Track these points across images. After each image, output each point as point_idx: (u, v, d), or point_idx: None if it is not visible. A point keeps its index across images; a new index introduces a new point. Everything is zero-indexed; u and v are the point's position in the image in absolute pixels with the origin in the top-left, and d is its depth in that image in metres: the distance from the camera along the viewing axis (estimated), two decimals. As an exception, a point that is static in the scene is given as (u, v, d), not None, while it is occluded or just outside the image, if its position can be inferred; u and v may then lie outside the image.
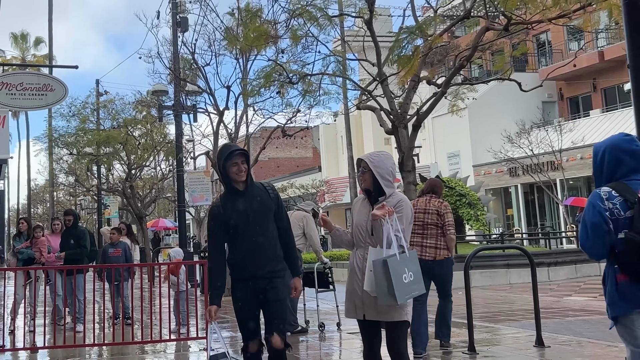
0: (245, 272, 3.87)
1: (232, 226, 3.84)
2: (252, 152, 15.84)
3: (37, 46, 42.77)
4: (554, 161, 23.38)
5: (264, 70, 10.68)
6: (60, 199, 37.73)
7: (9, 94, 9.46)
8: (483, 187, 22.81)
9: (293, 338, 7.35)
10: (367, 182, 3.77)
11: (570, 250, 16.50)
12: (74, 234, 8.84)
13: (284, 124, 13.18)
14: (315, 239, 7.81)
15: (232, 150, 3.85)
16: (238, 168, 3.82)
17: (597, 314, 8.74)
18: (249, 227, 3.83)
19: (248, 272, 3.85)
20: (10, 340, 7.33)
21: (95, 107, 19.91)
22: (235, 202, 3.88)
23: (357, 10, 10.31)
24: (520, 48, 11.41)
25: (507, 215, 28.39)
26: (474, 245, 14.57)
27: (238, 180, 3.86)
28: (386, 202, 3.70)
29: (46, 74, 12.61)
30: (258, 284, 3.85)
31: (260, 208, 3.88)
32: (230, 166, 3.82)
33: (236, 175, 3.83)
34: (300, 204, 8.34)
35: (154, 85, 15.91)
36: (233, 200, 3.89)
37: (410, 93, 9.68)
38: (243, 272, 3.89)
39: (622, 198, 2.87)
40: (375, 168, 3.72)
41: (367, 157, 3.81)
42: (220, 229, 3.89)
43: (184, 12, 14.67)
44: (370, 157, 3.79)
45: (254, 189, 3.92)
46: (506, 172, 26.90)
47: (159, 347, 7.26)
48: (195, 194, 15.27)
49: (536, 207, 27.05)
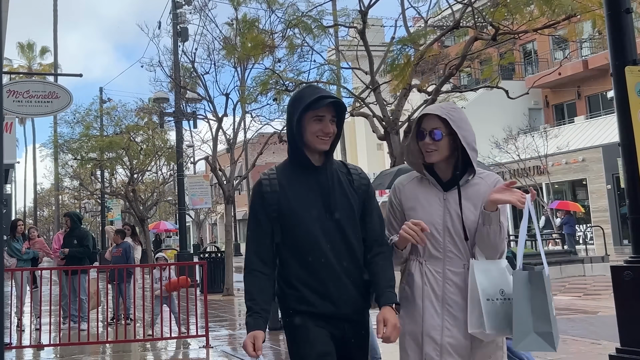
0: (313, 305, 2.31)
1: (289, 222, 2.32)
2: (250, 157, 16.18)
3: (43, 55, 43.34)
4: (540, 166, 23.81)
5: (260, 78, 11.02)
6: (65, 202, 38.14)
7: (15, 101, 9.68)
8: (472, 190, 23.06)
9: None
10: (442, 152, 2.37)
11: (555, 251, 16.76)
12: (77, 234, 9.17)
13: (281, 130, 13.51)
14: None
15: (320, 95, 2.31)
16: (324, 126, 2.31)
17: (581, 313, 9.00)
18: (322, 229, 2.31)
19: (318, 306, 2.31)
20: (17, 338, 7.59)
21: (98, 114, 20.29)
22: (301, 181, 2.35)
23: (351, 21, 10.60)
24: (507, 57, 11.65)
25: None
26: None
27: (317, 148, 2.34)
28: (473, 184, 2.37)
29: (52, 82, 12.99)
30: (333, 327, 2.34)
31: (342, 200, 2.35)
32: (312, 120, 2.32)
33: (318, 138, 2.32)
34: None
35: (155, 93, 16.28)
36: (297, 178, 2.36)
37: (402, 100, 9.96)
38: (307, 304, 2.32)
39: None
40: (460, 130, 2.34)
41: (442, 112, 2.35)
42: (269, 219, 2.35)
43: (184, 22, 15.04)
44: (448, 113, 2.35)
45: (332, 169, 2.39)
46: (493, 176, 27.26)
47: (160, 345, 7.49)
48: (195, 197, 15.62)
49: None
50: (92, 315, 9.27)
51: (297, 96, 2.40)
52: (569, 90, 27.81)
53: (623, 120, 4.54)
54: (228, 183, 13.57)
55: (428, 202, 2.40)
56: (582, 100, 27.97)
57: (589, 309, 9.43)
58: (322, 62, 10.86)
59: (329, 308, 2.32)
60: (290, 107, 2.39)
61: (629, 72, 4.53)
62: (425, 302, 2.33)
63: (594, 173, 24.41)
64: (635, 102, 4.50)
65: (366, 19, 9.89)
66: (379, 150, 33.88)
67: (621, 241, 22.98)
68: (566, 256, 15.45)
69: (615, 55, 4.60)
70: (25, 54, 43.52)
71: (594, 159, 24.26)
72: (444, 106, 2.40)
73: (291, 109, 2.38)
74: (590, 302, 10.29)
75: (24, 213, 52.83)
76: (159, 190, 22.69)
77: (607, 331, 6.47)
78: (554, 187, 24.54)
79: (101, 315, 9.49)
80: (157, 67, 15.06)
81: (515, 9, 8.79)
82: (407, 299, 2.40)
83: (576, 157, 24.89)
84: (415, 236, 2.27)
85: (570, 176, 25.23)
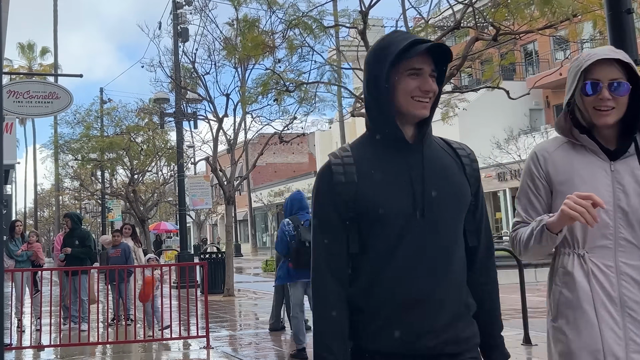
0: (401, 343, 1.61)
1: (372, 225, 1.63)
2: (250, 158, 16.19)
3: (43, 56, 43.46)
4: (540, 166, 23.88)
5: (261, 79, 11.02)
6: (65, 203, 38.20)
7: (16, 101, 9.69)
8: (472, 191, 23.18)
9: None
10: (621, 111, 1.84)
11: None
12: (78, 235, 9.18)
13: (281, 131, 13.52)
14: None
15: (414, 39, 1.64)
16: (423, 82, 1.64)
17: (582, 314, 9.03)
18: (419, 235, 1.63)
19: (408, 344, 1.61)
20: (17, 338, 7.59)
21: (99, 115, 20.32)
22: (389, 166, 1.66)
23: (351, 21, 10.59)
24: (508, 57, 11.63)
25: (496, 219, 28.79)
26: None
27: (413, 114, 1.65)
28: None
29: (52, 82, 13.00)
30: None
31: (449, 193, 1.67)
32: (405, 76, 1.65)
33: (414, 100, 1.65)
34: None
35: (155, 93, 16.31)
36: (383, 161, 1.66)
37: (402, 101, 9.97)
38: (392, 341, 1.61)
39: (293, 224, 6.09)
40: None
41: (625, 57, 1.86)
42: (343, 222, 1.65)
43: (184, 23, 15.06)
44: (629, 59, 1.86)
45: (433, 147, 1.71)
46: (495, 177, 27.36)
47: (160, 346, 7.48)
48: (196, 197, 15.63)
49: (524, 211, 27.55)
50: (93, 316, 9.28)
51: (382, 44, 1.68)
52: (569, 91, 27.91)
53: (624, 120, 4.54)
54: (228, 184, 13.57)
55: (591, 174, 1.84)
56: (583, 100, 28.09)
57: None
58: (323, 62, 10.85)
59: (425, 345, 1.58)
60: (373, 60, 1.67)
61: (630, 72, 4.52)
62: (599, 308, 1.77)
63: (595, 174, 24.43)
64: (636, 103, 4.50)
65: (367, 19, 9.88)
66: (379, 150, 33.97)
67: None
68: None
69: (616, 55, 4.61)
70: (25, 54, 43.64)
71: (595, 160, 24.27)
72: (617, 50, 1.86)
73: (373, 62, 1.67)
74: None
75: (24, 214, 52.91)
76: (159, 190, 22.72)
77: None
78: (554, 187, 24.58)
79: (101, 316, 9.49)
80: (157, 68, 15.10)
81: (516, 10, 8.78)
82: (569, 306, 1.82)
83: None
84: (585, 214, 1.67)
85: (571, 177, 25.38)
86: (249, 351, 7.01)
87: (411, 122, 1.68)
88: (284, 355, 6.62)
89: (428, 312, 1.60)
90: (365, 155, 1.68)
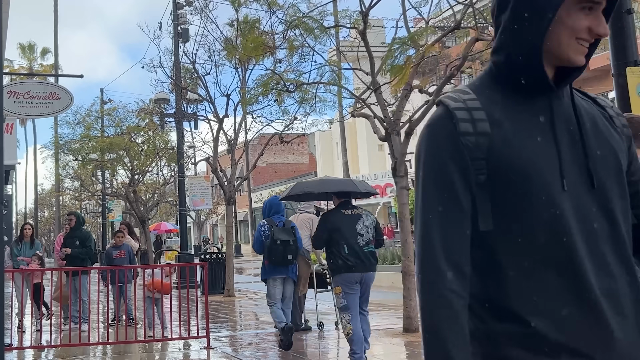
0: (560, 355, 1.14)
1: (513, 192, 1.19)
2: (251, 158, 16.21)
3: (44, 56, 43.47)
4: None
5: (262, 79, 11.01)
6: (66, 203, 38.24)
7: (16, 102, 9.69)
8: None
9: (296, 335, 7.67)
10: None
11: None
12: (78, 235, 9.18)
13: (281, 131, 13.51)
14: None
15: None
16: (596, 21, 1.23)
17: None
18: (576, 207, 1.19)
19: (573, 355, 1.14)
20: (17, 339, 7.60)
21: (99, 115, 20.35)
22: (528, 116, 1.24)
23: (352, 22, 10.60)
24: (508, 58, 11.60)
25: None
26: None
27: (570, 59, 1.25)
28: None
29: (52, 82, 13.01)
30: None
31: (604, 151, 1.26)
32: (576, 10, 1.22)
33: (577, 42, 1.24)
34: (301, 206, 8.67)
35: (156, 94, 16.33)
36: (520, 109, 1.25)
37: (403, 101, 9.96)
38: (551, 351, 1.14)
39: (268, 225, 6.70)
40: None
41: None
42: (468, 187, 1.21)
43: (185, 23, 15.08)
44: None
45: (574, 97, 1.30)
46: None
47: (161, 346, 7.49)
48: (196, 198, 15.65)
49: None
50: (93, 316, 9.29)
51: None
52: (570, 91, 27.96)
53: (624, 121, 4.55)
54: (229, 184, 13.57)
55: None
56: (584, 101, 28.13)
57: None
58: (323, 62, 10.85)
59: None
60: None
61: (630, 72, 4.54)
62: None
63: (595, 174, 24.45)
64: (636, 103, 4.51)
65: (367, 20, 9.89)
66: (380, 151, 33.95)
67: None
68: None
69: (617, 56, 4.62)
70: (26, 54, 43.67)
71: (595, 160, 24.29)
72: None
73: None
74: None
75: (24, 214, 52.94)
76: (159, 191, 22.73)
77: None
78: (555, 188, 24.60)
79: (102, 317, 9.50)
80: (157, 68, 15.11)
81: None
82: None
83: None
84: None
85: (571, 177, 25.39)
86: (249, 351, 7.01)
87: (553, 64, 1.27)
88: (284, 355, 6.62)
89: (599, 315, 1.16)
90: (494, 99, 1.26)
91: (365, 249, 5.53)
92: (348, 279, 5.45)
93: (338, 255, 5.46)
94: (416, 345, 6.67)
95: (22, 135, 48.33)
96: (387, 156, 11.52)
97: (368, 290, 5.66)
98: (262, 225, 6.72)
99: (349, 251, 5.45)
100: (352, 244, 5.47)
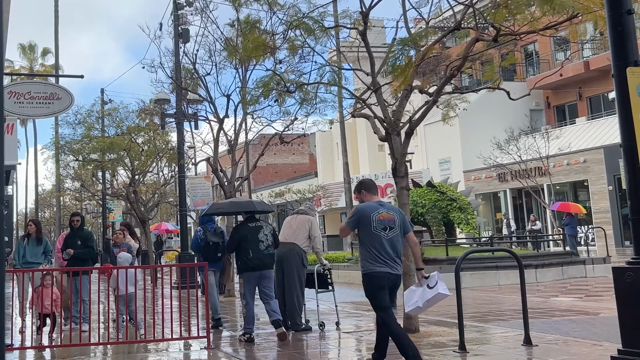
0: None
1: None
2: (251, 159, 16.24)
3: (44, 56, 43.50)
4: (541, 167, 23.92)
5: (262, 80, 11.00)
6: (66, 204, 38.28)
7: (17, 102, 9.69)
8: (473, 191, 23.16)
9: (297, 336, 7.67)
10: None
11: (556, 252, 16.75)
12: (81, 235, 9.18)
13: (282, 131, 13.51)
14: (319, 241, 8.16)
15: None
16: None
17: (583, 314, 9.00)
18: None
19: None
20: (19, 339, 7.61)
21: (100, 115, 20.36)
22: None
23: (352, 22, 10.60)
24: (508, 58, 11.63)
25: (497, 219, 28.83)
26: (465, 248, 14.75)
27: None
28: None
29: (53, 83, 13.01)
30: None
31: None
32: None
33: None
34: (300, 207, 8.83)
35: (156, 94, 16.33)
36: None
37: (403, 102, 9.95)
38: None
39: (202, 230, 8.45)
40: None
41: None
42: None
43: (185, 23, 15.09)
44: None
45: None
46: (495, 177, 27.44)
47: (161, 346, 7.48)
48: (197, 198, 15.67)
49: (524, 211, 27.56)
50: (94, 316, 9.29)
51: None
52: (570, 92, 27.86)
53: (624, 121, 4.55)
54: (229, 184, 13.58)
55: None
56: (584, 101, 28.04)
57: (591, 311, 9.43)
58: (324, 63, 10.84)
59: None
60: None
61: (630, 73, 4.54)
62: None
63: (596, 174, 24.43)
64: (636, 103, 4.51)
65: (367, 20, 9.89)
66: (380, 151, 33.98)
67: (623, 242, 22.99)
68: (568, 257, 15.44)
69: (617, 56, 4.62)
70: (26, 55, 43.71)
71: (596, 160, 24.27)
72: None
73: None
74: (591, 304, 10.28)
75: (25, 214, 52.98)
76: (160, 191, 22.74)
77: (609, 332, 6.47)
78: (555, 188, 24.59)
79: (102, 317, 9.50)
80: (158, 69, 15.11)
81: (517, 9, 8.79)
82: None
83: (577, 158, 24.94)
84: None
85: (572, 177, 25.34)
86: (249, 352, 7.02)
87: None
88: (284, 355, 6.63)
89: None
90: None
91: (265, 252, 7.24)
92: (249, 276, 7.28)
93: (245, 257, 7.20)
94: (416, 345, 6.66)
95: (22, 135, 48.36)
96: (387, 156, 11.52)
97: (267, 281, 7.35)
98: (199, 230, 8.74)
99: (253, 255, 7.17)
100: (255, 249, 7.19)
